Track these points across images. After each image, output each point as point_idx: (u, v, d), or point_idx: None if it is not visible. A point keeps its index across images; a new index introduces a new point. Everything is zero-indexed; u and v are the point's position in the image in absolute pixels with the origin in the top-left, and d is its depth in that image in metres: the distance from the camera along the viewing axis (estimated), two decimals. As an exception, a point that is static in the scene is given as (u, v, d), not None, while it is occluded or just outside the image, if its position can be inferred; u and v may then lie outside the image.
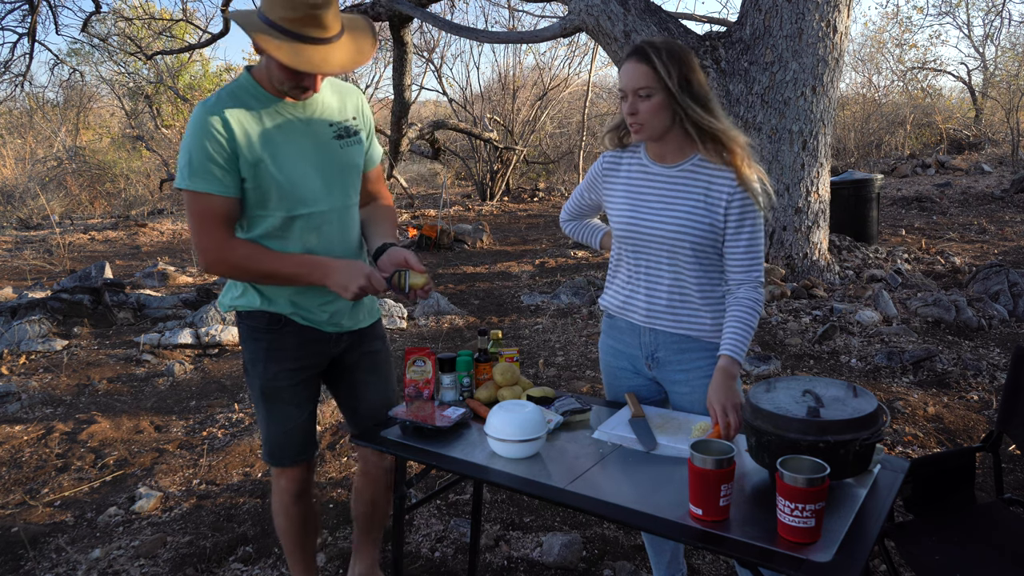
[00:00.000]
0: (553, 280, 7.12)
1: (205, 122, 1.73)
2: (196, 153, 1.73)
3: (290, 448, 2.05)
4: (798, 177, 5.90)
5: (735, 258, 1.85)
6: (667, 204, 1.86)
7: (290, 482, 2.10)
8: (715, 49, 5.95)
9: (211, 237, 1.79)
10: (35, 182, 15.15)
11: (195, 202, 1.77)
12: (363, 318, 2.08)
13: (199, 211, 1.78)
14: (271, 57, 1.69)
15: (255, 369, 1.98)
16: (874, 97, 18.15)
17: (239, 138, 1.75)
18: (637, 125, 1.81)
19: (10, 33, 18.91)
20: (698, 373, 1.93)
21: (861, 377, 4.23)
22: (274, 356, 1.96)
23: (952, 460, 2.06)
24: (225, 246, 1.81)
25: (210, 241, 1.79)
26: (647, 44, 1.79)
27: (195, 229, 1.80)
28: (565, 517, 2.89)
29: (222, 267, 1.83)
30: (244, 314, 1.97)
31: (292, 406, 2.02)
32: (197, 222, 1.79)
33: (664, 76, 1.74)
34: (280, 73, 1.74)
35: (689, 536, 1.40)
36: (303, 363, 1.99)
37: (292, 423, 2.03)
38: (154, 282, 7.54)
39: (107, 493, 3.24)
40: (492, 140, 13.18)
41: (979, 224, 9.12)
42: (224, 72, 18.02)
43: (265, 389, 1.98)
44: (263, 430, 2.06)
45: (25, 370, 5.00)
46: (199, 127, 1.73)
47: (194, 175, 1.74)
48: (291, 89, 1.78)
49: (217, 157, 1.74)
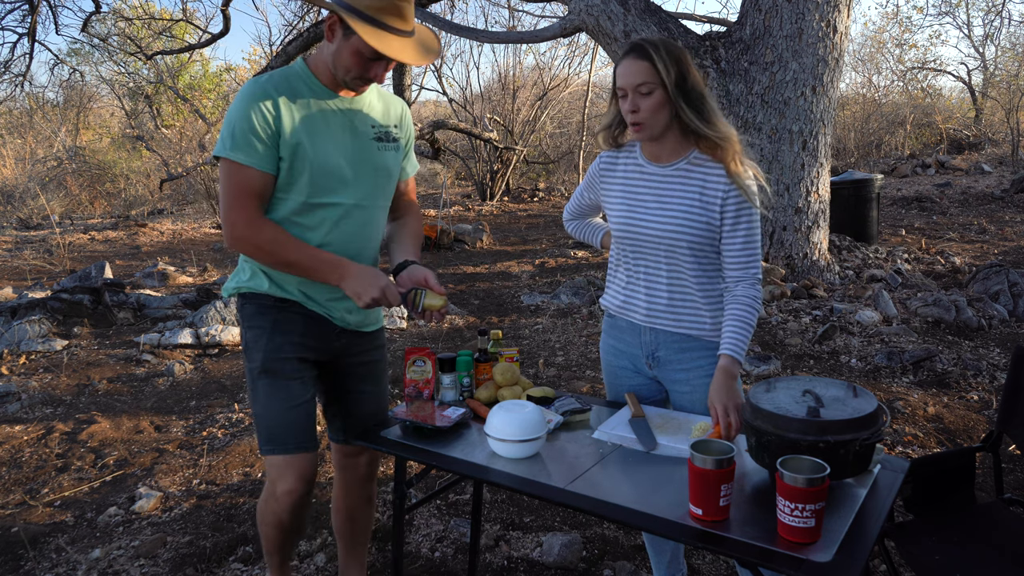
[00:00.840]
0: (553, 280, 7.12)
1: (254, 96, 1.74)
2: (240, 124, 1.73)
3: (295, 429, 1.88)
4: (798, 177, 5.90)
5: (732, 255, 1.85)
6: (663, 204, 1.86)
7: (295, 481, 1.88)
8: (715, 49, 5.95)
9: (242, 212, 1.77)
10: (35, 182, 15.16)
11: (233, 173, 1.76)
12: (369, 321, 2.06)
13: (236, 183, 1.77)
14: (353, 41, 1.72)
15: (258, 343, 1.90)
16: (874, 97, 18.16)
17: (284, 117, 1.76)
18: (638, 123, 1.81)
19: (10, 33, 18.89)
20: (699, 372, 1.93)
21: (861, 377, 4.23)
22: (280, 329, 1.90)
23: (952, 460, 2.06)
24: (254, 224, 1.79)
25: (240, 215, 1.77)
26: (645, 42, 1.79)
27: (227, 202, 1.78)
28: (565, 517, 2.89)
29: (246, 245, 1.80)
30: (250, 295, 1.93)
31: (297, 381, 1.91)
32: (231, 194, 1.77)
33: (663, 72, 1.75)
34: (352, 60, 1.76)
35: (689, 536, 1.40)
36: (308, 343, 1.94)
37: (297, 400, 1.90)
38: (154, 282, 7.54)
39: (107, 493, 3.24)
40: (492, 140, 13.18)
41: (979, 224, 9.12)
42: (224, 72, 18.03)
43: (268, 363, 1.89)
44: (263, 414, 1.90)
45: (25, 370, 5.00)
46: (248, 100, 1.74)
47: (236, 146, 1.74)
48: (354, 79, 1.80)
49: (261, 132, 1.74)
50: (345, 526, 2.22)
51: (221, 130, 1.79)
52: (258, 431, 1.94)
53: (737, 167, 1.80)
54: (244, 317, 1.95)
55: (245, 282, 1.93)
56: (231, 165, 1.76)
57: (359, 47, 1.74)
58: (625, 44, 5.86)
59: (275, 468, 1.90)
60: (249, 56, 22.20)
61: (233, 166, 1.76)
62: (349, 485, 2.17)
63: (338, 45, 1.77)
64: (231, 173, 1.77)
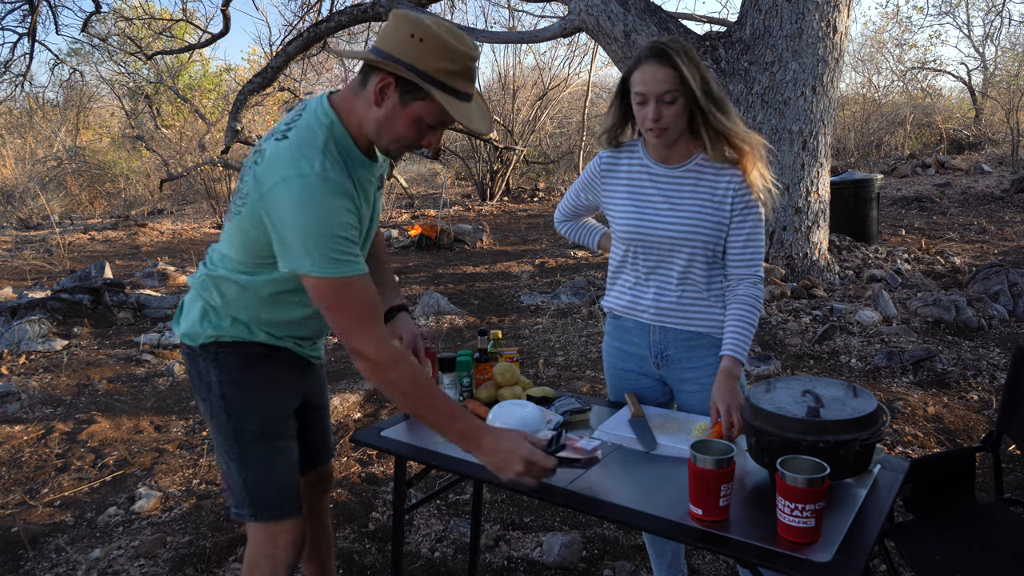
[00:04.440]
0: (553, 280, 7.12)
1: (334, 195, 1.45)
2: (333, 233, 1.44)
3: (294, 491, 1.77)
4: (798, 177, 5.90)
5: (736, 253, 1.85)
6: (673, 205, 1.86)
7: (294, 536, 1.76)
8: (715, 49, 5.95)
9: (377, 336, 1.50)
10: (35, 182, 15.16)
11: (341, 287, 1.47)
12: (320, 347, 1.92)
13: (350, 300, 1.48)
14: (415, 108, 1.49)
15: (249, 403, 1.70)
16: (874, 97, 18.17)
17: (358, 205, 1.53)
18: (659, 130, 1.77)
19: (10, 33, 18.92)
20: (708, 371, 1.92)
21: (861, 377, 4.23)
22: (273, 384, 1.73)
23: (952, 460, 2.05)
24: (394, 352, 1.52)
25: (377, 342, 1.49)
26: (665, 46, 1.73)
27: (358, 327, 1.49)
28: (565, 517, 2.89)
29: (390, 375, 1.51)
30: (231, 344, 1.69)
31: (292, 440, 1.78)
32: (353, 313, 1.49)
33: (689, 79, 1.71)
34: (408, 129, 1.53)
35: (689, 536, 1.40)
36: (295, 392, 1.81)
37: (293, 459, 1.78)
38: (154, 282, 7.54)
39: (107, 493, 3.24)
40: (492, 140, 13.18)
41: (979, 224, 9.12)
42: (224, 72, 18.04)
43: (267, 424, 1.71)
44: (260, 479, 1.72)
45: (25, 370, 5.00)
46: (330, 201, 1.44)
47: (339, 258, 1.45)
48: (401, 148, 1.57)
49: (348, 234, 1.47)
50: (316, 544, 2.11)
51: (295, 241, 1.45)
52: (249, 497, 1.73)
53: (755, 172, 1.79)
54: (223, 370, 1.69)
55: (227, 330, 1.68)
56: (335, 282, 1.46)
57: (422, 115, 1.51)
58: (627, 45, 5.87)
59: (276, 535, 1.76)
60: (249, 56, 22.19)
61: (338, 282, 1.46)
62: (312, 506, 2.07)
63: (390, 111, 1.50)
64: (340, 290, 1.47)
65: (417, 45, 1.46)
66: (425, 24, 1.47)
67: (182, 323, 1.75)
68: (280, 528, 1.75)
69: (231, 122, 9.75)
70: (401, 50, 1.46)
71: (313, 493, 2.07)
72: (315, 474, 2.04)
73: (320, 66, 13.60)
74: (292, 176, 1.44)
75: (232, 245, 1.64)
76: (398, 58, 1.46)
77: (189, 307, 1.74)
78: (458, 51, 1.47)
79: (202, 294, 1.71)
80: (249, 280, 1.63)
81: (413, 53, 1.46)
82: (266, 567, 1.76)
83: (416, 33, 1.46)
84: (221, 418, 1.70)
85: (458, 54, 1.47)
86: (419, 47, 1.46)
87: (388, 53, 1.47)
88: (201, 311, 1.71)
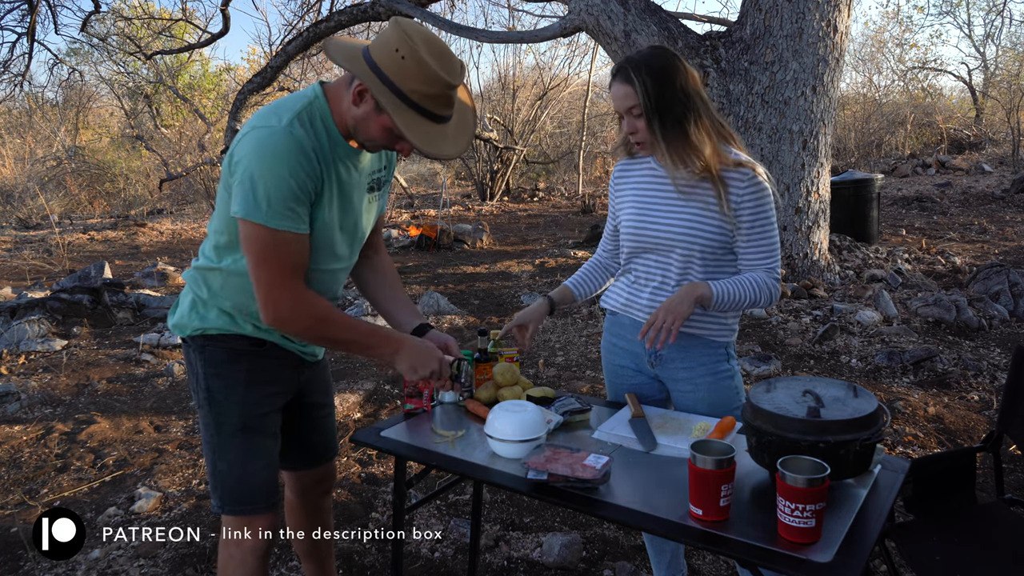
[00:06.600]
0: (553, 280, 7.12)
1: (291, 155, 1.49)
2: (278, 186, 1.48)
3: (267, 488, 1.78)
4: (798, 177, 5.90)
5: (748, 253, 1.87)
6: (675, 208, 1.88)
7: (263, 530, 1.77)
8: (715, 49, 5.95)
9: (287, 290, 1.56)
10: (35, 182, 15.17)
11: (273, 244, 1.52)
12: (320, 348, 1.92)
13: (277, 255, 1.53)
14: (385, 119, 1.52)
15: (231, 397, 1.72)
16: (874, 97, 18.18)
17: (319, 182, 1.56)
18: (639, 143, 1.85)
19: (9, 33, 18.91)
20: (701, 371, 1.93)
21: (861, 377, 4.23)
22: (257, 379, 1.74)
23: (952, 460, 2.05)
24: (302, 302, 1.58)
25: (284, 294, 1.56)
26: (625, 63, 1.81)
27: (268, 278, 1.54)
28: (565, 517, 2.88)
29: (294, 326, 1.59)
30: (217, 336, 1.72)
31: (272, 437, 1.79)
32: (273, 270, 1.54)
33: (640, 93, 1.76)
34: (379, 133, 1.56)
35: (689, 536, 1.40)
36: (282, 388, 1.81)
37: (272, 457, 1.79)
38: (153, 282, 7.54)
39: (107, 493, 3.24)
40: (492, 140, 13.19)
41: (979, 224, 9.12)
42: (223, 72, 18.04)
43: (247, 419, 1.73)
44: (232, 472, 1.74)
45: (24, 370, 5.00)
46: (285, 159, 1.49)
47: (274, 212, 1.49)
48: (376, 147, 1.63)
49: (301, 195, 1.52)
50: (317, 543, 2.11)
51: (244, 186, 1.50)
52: (220, 488, 1.76)
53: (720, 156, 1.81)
54: (207, 362, 1.72)
55: (212, 321, 1.71)
56: (268, 233, 1.50)
57: (391, 126, 1.53)
58: (627, 45, 5.87)
59: (242, 527, 1.77)
60: (248, 56, 22.19)
61: (270, 234, 1.51)
62: (314, 505, 2.08)
63: (366, 114, 1.54)
64: (270, 244, 1.51)
65: (399, 62, 1.48)
66: (414, 41, 1.49)
67: (175, 315, 1.81)
68: (247, 522, 1.77)
69: (231, 122, 9.75)
70: (384, 63, 1.50)
71: (315, 492, 2.07)
72: (317, 473, 2.05)
73: (320, 66, 13.59)
74: (260, 127, 1.52)
75: (215, 230, 1.69)
76: (380, 69, 1.50)
77: (181, 300, 1.80)
78: (436, 76, 1.49)
79: (192, 287, 1.76)
80: (231, 264, 1.66)
81: (393, 69, 1.49)
82: (237, 558, 1.79)
83: (400, 49, 1.48)
84: (204, 408, 1.75)
85: (435, 79, 1.49)
86: (399, 64, 1.48)
87: (373, 61, 1.51)
88: (190, 303, 1.76)
